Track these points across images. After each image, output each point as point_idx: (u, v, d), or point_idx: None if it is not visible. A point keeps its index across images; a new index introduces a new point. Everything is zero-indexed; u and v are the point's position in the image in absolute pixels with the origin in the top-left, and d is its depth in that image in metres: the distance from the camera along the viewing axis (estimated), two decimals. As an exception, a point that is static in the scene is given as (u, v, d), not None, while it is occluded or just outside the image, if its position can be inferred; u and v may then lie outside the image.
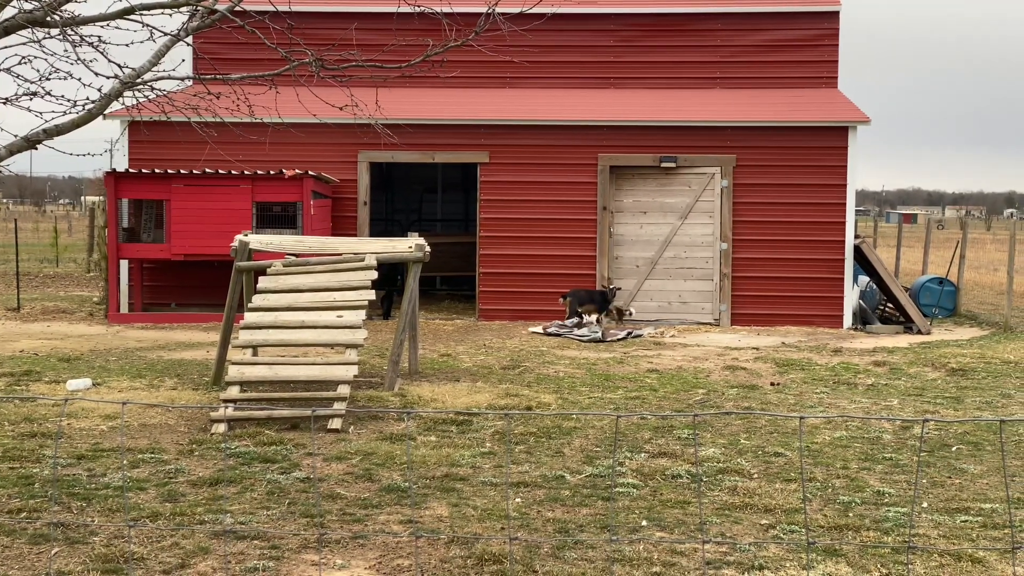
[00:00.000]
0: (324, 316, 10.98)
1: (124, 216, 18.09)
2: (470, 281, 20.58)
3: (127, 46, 7.70)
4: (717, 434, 9.60)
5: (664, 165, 18.52)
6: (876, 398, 11.62)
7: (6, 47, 7.34)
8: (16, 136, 7.43)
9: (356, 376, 10.48)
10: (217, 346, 12.00)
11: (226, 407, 9.70)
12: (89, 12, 7.50)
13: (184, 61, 8.32)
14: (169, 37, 7.70)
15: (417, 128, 18.22)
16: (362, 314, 11.05)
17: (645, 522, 6.96)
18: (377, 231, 21.22)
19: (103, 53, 7.50)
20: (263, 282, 11.47)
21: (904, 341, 16.54)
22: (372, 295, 11.42)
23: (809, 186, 18.39)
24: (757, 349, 15.36)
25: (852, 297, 18.45)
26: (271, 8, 8.02)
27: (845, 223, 18.32)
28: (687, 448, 8.96)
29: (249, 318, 10.98)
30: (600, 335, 16.24)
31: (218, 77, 8.59)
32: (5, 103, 7.45)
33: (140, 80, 7.63)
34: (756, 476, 8.15)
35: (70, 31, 7.36)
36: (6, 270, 27.08)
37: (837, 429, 9.77)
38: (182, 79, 8.33)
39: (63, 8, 7.32)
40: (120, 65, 7.59)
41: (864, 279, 19.22)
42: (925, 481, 8.08)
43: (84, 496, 7.35)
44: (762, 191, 18.44)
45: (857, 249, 18.36)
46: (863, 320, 18.50)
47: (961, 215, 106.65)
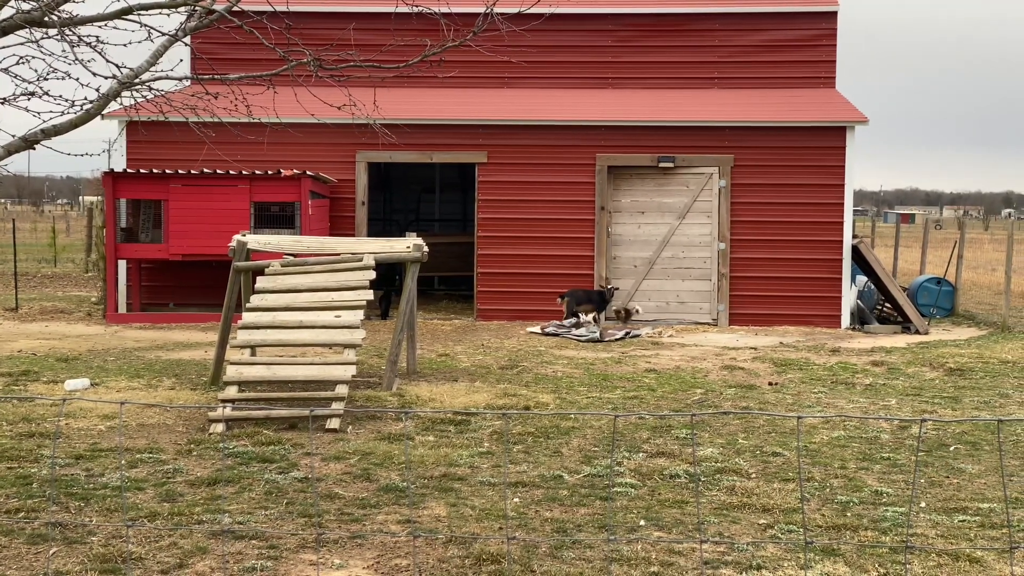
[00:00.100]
0: (322, 316, 10.98)
1: (122, 216, 18.09)
2: (468, 281, 20.58)
3: (125, 46, 7.70)
4: (715, 434, 9.61)
5: (662, 165, 18.53)
6: (874, 398, 11.63)
7: (4, 47, 7.33)
8: (14, 136, 7.42)
9: (354, 376, 10.47)
10: (215, 346, 12.00)
11: (224, 407, 9.69)
12: (87, 12, 7.50)
13: (182, 61, 8.29)
14: (167, 37, 7.70)
15: (415, 128, 18.22)
16: (360, 314, 11.05)
17: (643, 522, 6.96)
18: (375, 231, 21.22)
19: (101, 53, 7.50)
20: (261, 282, 11.47)
21: (902, 341, 16.55)
22: (370, 295, 11.43)
23: (807, 186, 18.40)
24: (755, 349, 15.36)
25: (850, 297, 18.46)
26: (269, 8, 8.01)
27: (843, 223, 18.33)
28: (685, 448, 8.96)
29: (247, 318, 10.98)
30: (598, 335, 16.25)
31: (216, 77, 8.59)
32: (3, 103, 7.45)
33: (138, 80, 7.62)
34: (754, 476, 8.16)
35: (68, 31, 7.35)
36: (4, 270, 27.06)
37: (835, 429, 9.78)
38: (180, 79, 8.32)
39: (61, 8, 7.32)
40: (118, 65, 7.59)
41: (862, 279, 19.23)
42: (923, 481, 8.08)
43: (82, 496, 7.35)
44: (760, 191, 18.45)
45: (855, 249, 18.37)
46: (861, 320, 18.52)
47: (959, 215, 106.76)
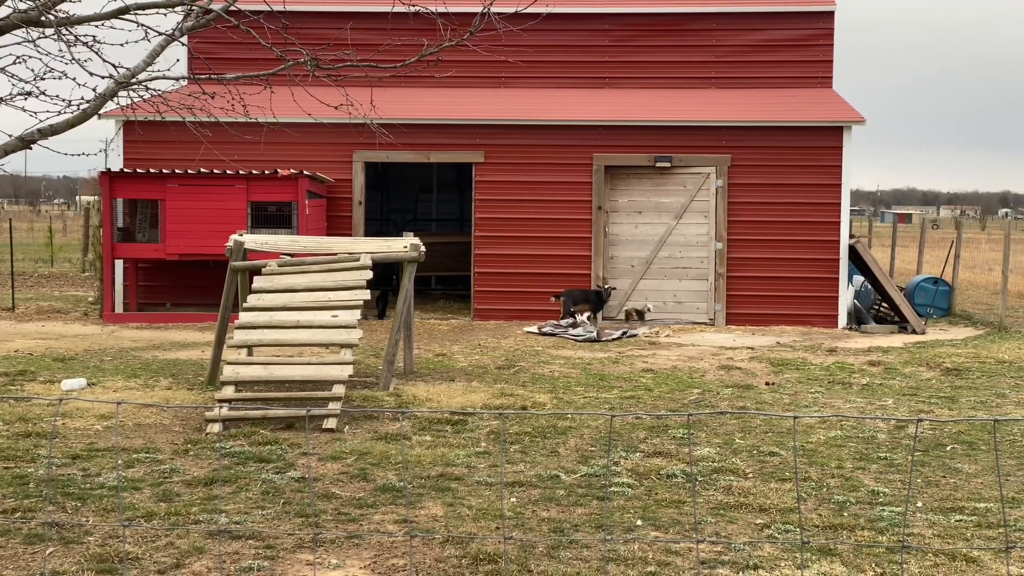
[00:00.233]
0: (319, 316, 10.97)
1: (119, 216, 18.08)
2: (465, 281, 20.58)
3: (122, 46, 7.69)
4: (712, 434, 9.61)
5: (659, 165, 18.53)
6: (871, 398, 11.64)
7: (1, 47, 7.33)
8: (11, 136, 7.42)
9: (351, 376, 10.47)
10: (212, 346, 11.99)
11: (221, 407, 9.69)
12: (84, 12, 7.49)
13: (179, 61, 8.28)
14: (164, 37, 7.69)
15: (412, 128, 18.22)
16: (357, 314, 11.05)
17: (640, 522, 6.96)
18: (372, 231, 21.22)
19: (98, 53, 7.49)
20: (258, 282, 11.46)
21: (899, 341, 16.56)
22: (367, 295, 11.42)
23: (804, 186, 18.42)
24: (752, 349, 15.37)
25: (847, 297, 18.47)
26: (266, 8, 8.00)
27: (840, 223, 18.34)
28: (682, 448, 8.96)
29: (244, 318, 10.97)
30: (595, 335, 16.25)
31: (213, 77, 8.58)
32: (0, 103, 7.44)
33: (135, 80, 7.62)
34: (751, 476, 8.16)
35: (65, 31, 7.34)
36: (1, 270, 27.02)
37: (832, 429, 9.78)
38: (177, 79, 8.31)
39: (58, 8, 7.31)
40: (115, 65, 7.58)
41: (859, 279, 19.24)
42: (920, 481, 8.09)
43: (79, 496, 7.35)
44: (757, 191, 18.46)
45: (852, 249, 18.39)
46: (858, 320, 18.53)
47: (956, 215, 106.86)
